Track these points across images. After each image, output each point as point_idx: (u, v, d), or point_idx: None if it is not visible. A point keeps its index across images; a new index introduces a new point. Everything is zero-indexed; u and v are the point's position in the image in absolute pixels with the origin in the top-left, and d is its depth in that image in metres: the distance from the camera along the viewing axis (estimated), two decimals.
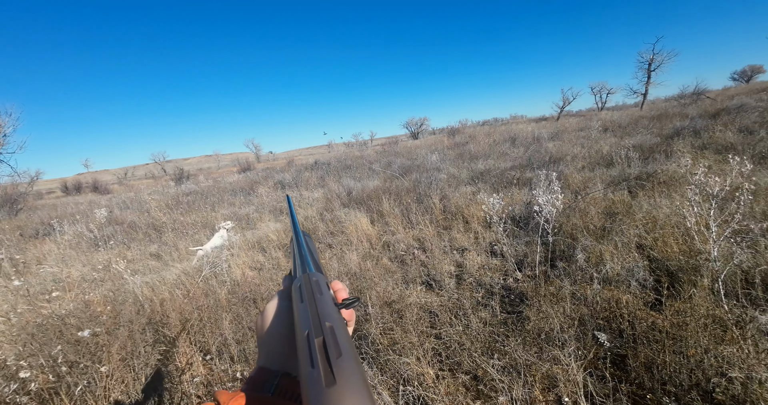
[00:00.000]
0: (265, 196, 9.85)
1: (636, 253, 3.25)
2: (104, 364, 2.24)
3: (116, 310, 2.91)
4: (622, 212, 4.23)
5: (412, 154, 13.88)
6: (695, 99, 19.17)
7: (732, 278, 2.58)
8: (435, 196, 6.06)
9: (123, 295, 3.69)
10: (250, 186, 12.04)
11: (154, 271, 5.11)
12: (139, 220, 8.40)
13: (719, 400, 1.82)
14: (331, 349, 0.32)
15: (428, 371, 2.16)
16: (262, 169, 19.67)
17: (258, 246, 5.42)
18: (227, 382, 2.38)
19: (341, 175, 11.10)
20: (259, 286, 3.62)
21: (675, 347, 2.10)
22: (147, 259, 5.80)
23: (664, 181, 5.20)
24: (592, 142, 10.23)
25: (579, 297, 2.77)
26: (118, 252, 6.37)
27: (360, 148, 31.30)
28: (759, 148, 6.40)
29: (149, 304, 3.34)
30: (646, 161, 6.81)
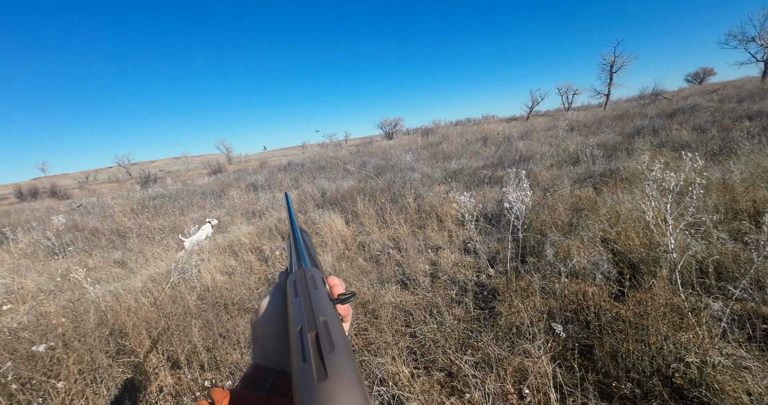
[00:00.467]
0: (237, 198, 9.61)
1: (601, 247, 3.38)
2: (61, 379, 2.11)
3: (75, 321, 2.75)
4: (588, 208, 4.39)
5: (386, 154, 13.91)
6: (653, 99, 20.20)
7: (688, 268, 2.73)
8: (409, 196, 6.10)
9: (84, 306, 3.50)
10: (221, 188, 11.72)
11: (119, 278, 4.88)
12: (102, 226, 8.00)
13: (678, 385, 1.92)
14: (324, 343, 0.31)
15: (403, 370, 2.16)
16: (234, 171, 19.19)
17: (229, 250, 5.28)
18: (197, 391, 2.30)
19: (315, 176, 10.99)
20: (230, 291, 3.53)
21: (637, 336, 2.20)
22: (111, 266, 5.52)
23: (626, 178, 5.45)
24: (559, 141, 10.58)
25: (548, 291, 2.85)
26: (78, 260, 6.04)
27: (334, 148, 31.11)
28: (710, 146, 6.81)
29: (112, 314, 3.18)
30: (609, 159, 7.10)
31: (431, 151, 12.98)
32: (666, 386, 1.91)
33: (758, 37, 19.64)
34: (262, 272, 4.31)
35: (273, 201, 8.39)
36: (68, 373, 2.20)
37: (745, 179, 4.42)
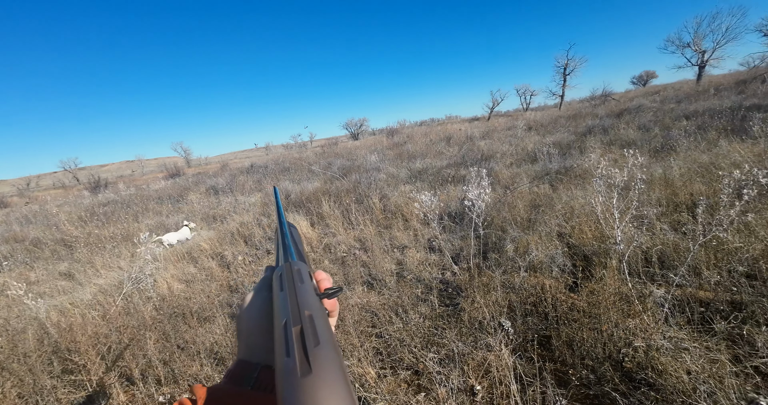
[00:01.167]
0: (197, 202, 9.23)
1: (557, 241, 3.54)
2: None
3: (13, 341, 2.53)
4: (545, 204, 4.58)
5: (352, 155, 13.85)
6: (603, 100, 21.44)
7: (634, 258, 2.91)
8: (375, 196, 6.10)
9: (23, 323, 3.22)
10: (179, 193, 11.20)
11: (65, 292, 4.54)
12: (45, 236, 7.42)
13: (628, 368, 2.04)
14: (309, 337, 0.30)
15: (369, 371, 2.16)
16: (193, 175, 18.40)
17: (188, 257, 5.05)
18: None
19: (279, 178, 10.76)
20: (189, 300, 3.37)
21: (591, 324, 2.32)
22: (56, 279, 5.13)
23: (579, 175, 5.74)
24: (518, 140, 10.98)
25: (509, 285, 2.94)
26: (18, 273, 5.57)
27: (299, 149, 30.61)
28: (654, 143, 7.32)
29: (57, 331, 2.95)
30: (564, 157, 7.45)
31: (396, 152, 13.08)
32: (617, 370, 2.03)
33: (692, 43, 21.35)
34: (223, 279, 4.16)
35: (235, 204, 8.13)
36: (5, 397, 2.02)
37: (683, 174, 4.78)
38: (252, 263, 4.56)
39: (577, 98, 28.40)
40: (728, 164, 4.70)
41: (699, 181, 4.34)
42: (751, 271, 2.57)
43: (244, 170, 14.88)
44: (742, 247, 2.73)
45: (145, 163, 34.60)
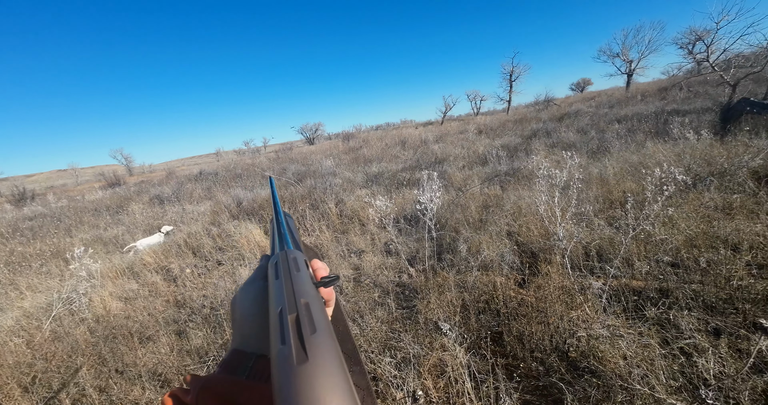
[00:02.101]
0: (139, 213, 8.61)
1: (507, 240, 3.69)
2: None
3: None
4: (495, 205, 4.77)
5: (307, 160, 13.63)
6: (546, 105, 22.80)
7: (575, 253, 3.10)
8: (331, 202, 6.03)
9: None
10: (119, 203, 10.40)
11: None
12: None
13: (573, 358, 2.16)
14: (305, 325, 0.30)
15: None
16: (135, 183, 17.18)
17: (130, 272, 4.69)
18: None
19: (230, 185, 10.33)
20: (130, 319, 3.13)
21: (539, 318, 2.43)
22: None
23: (526, 176, 6.04)
24: (470, 144, 11.38)
25: (462, 285, 3.02)
26: None
27: (252, 155, 29.64)
28: (591, 145, 7.89)
29: None
30: (512, 159, 7.82)
31: (352, 156, 13.05)
32: (563, 360, 2.14)
33: (621, 53, 23.36)
34: (170, 294, 3.90)
35: (182, 214, 7.68)
36: None
37: (616, 173, 5.18)
38: (202, 276, 4.32)
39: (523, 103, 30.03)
40: (654, 163, 5.16)
41: (630, 179, 4.72)
42: (675, 260, 2.83)
43: (192, 178, 14.13)
44: (666, 239, 3.00)
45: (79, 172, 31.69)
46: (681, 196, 3.88)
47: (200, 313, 3.25)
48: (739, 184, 3.97)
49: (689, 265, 2.71)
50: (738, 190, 3.87)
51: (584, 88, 38.83)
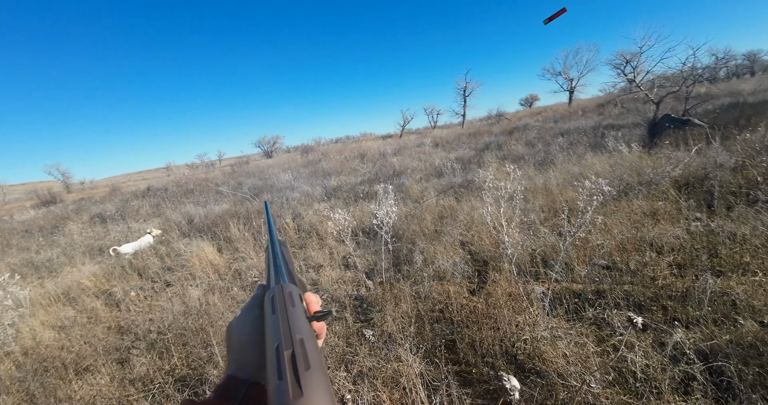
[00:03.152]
0: (78, 234, 7.98)
1: (460, 249, 3.82)
2: None
3: None
4: (450, 216, 4.93)
5: (264, 174, 13.35)
6: (498, 120, 24.02)
7: (522, 260, 3.28)
8: (288, 216, 5.95)
9: None
10: (54, 223, 9.57)
11: None
12: None
13: (520, 360, 2.27)
14: (300, 361, 0.32)
15: None
16: (74, 201, 15.91)
17: (65, 298, 4.32)
18: None
19: (181, 202, 9.86)
20: (64, 350, 2.88)
21: (490, 323, 2.54)
22: None
23: (478, 187, 6.30)
24: (426, 156, 11.70)
25: (418, 295, 3.08)
26: None
27: (206, 169, 28.51)
28: (538, 157, 8.40)
29: None
30: (466, 171, 8.14)
31: (311, 169, 12.96)
32: (511, 364, 2.24)
33: (563, 72, 25.25)
34: (111, 319, 3.64)
35: (127, 233, 7.22)
36: None
37: (560, 183, 5.55)
38: (148, 298, 4.08)
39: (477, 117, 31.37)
40: (593, 173, 5.59)
41: (571, 189, 5.08)
42: (609, 264, 3.07)
43: (139, 194, 13.34)
44: (602, 244, 3.26)
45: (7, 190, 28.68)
46: (614, 204, 4.23)
47: (145, 338, 3.06)
48: (663, 192, 4.39)
49: (621, 267, 2.96)
50: (662, 198, 4.29)
51: (532, 103, 41.28)
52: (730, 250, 2.88)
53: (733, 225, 3.27)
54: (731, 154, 4.97)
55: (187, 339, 2.81)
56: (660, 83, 10.15)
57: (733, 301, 2.35)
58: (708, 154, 5.12)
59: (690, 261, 2.90)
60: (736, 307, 2.29)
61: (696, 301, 2.38)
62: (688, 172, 4.75)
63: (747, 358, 1.87)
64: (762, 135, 5.20)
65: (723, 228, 3.24)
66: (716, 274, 2.68)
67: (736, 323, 2.15)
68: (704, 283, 2.43)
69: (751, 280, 2.47)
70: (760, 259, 2.69)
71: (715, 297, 2.40)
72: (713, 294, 2.40)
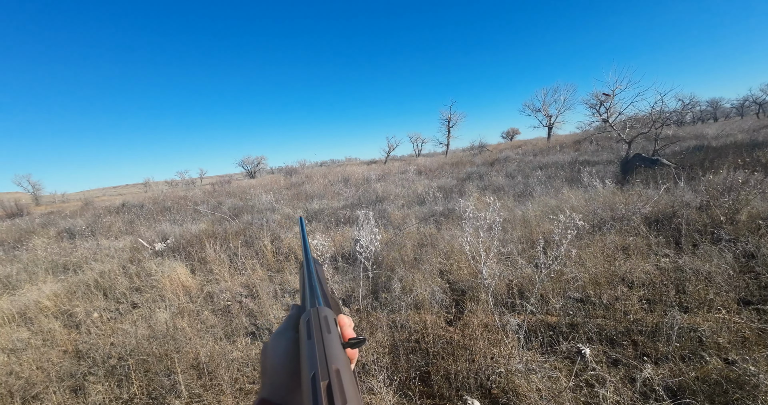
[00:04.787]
0: (43, 249, 7.60)
1: (439, 278, 3.82)
2: None
3: None
4: (430, 244, 4.96)
5: (246, 194, 13.19)
6: (480, 151, 24.74)
7: (500, 290, 3.30)
8: (266, 238, 5.85)
9: None
10: (17, 237, 9.11)
11: None
12: None
13: (495, 394, 2.24)
14: (336, 394, 0.32)
15: None
16: (43, 214, 15.24)
17: (20, 318, 4.06)
18: None
19: (157, 219, 9.59)
20: (12, 375, 2.68)
21: (465, 355, 2.51)
22: None
23: (459, 216, 6.39)
24: (410, 184, 11.85)
25: (394, 324, 3.04)
26: None
27: (186, 187, 27.99)
28: (517, 189, 8.63)
29: None
30: (447, 199, 8.26)
31: (294, 192, 12.90)
32: (486, 398, 2.21)
33: (542, 108, 26.48)
34: (69, 343, 3.42)
35: (96, 250, 6.92)
36: None
37: (537, 215, 5.69)
38: (112, 320, 3.87)
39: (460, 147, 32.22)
40: (568, 208, 5.77)
41: (548, 221, 5.21)
42: (582, 297, 3.12)
43: (113, 210, 12.91)
44: (576, 277, 3.32)
45: None
46: (589, 238, 4.35)
47: (104, 364, 2.88)
48: (634, 228, 4.56)
49: (594, 301, 3.01)
50: (633, 233, 4.44)
51: (513, 136, 42.83)
52: (696, 287, 2.98)
53: (699, 262, 3.40)
54: (697, 193, 5.24)
55: (150, 365, 2.67)
56: (631, 124, 10.77)
57: (699, 337, 2.41)
58: (676, 193, 5.38)
59: (659, 296, 2.99)
60: (703, 344, 2.35)
61: (665, 336, 2.44)
62: (657, 210, 4.96)
63: (713, 395, 1.90)
64: (724, 177, 5.53)
65: (689, 265, 3.37)
66: (683, 310, 2.76)
67: (703, 360, 2.20)
68: (672, 318, 2.50)
69: (716, 317, 2.56)
70: (723, 296, 2.80)
71: (683, 333, 2.46)
72: (681, 330, 2.46)
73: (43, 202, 26.73)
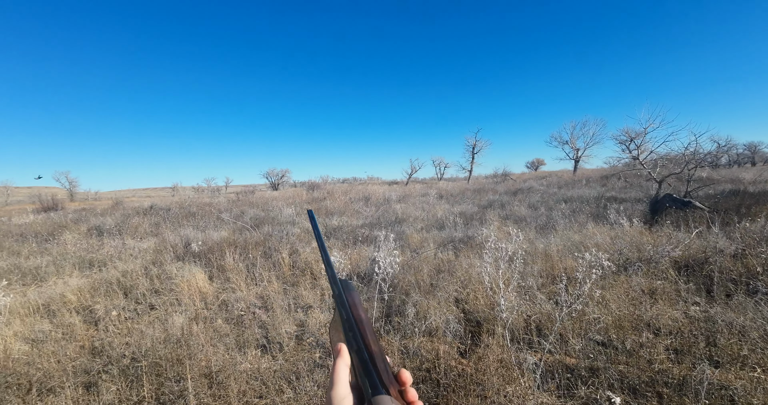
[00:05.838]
0: (72, 244, 7.92)
1: (454, 307, 3.75)
2: None
3: None
4: (447, 270, 4.89)
5: (268, 206, 13.46)
6: (503, 179, 24.59)
7: (517, 325, 3.20)
8: (285, 251, 5.91)
9: None
10: (51, 230, 9.54)
11: None
12: None
13: None
14: None
15: None
16: (75, 210, 15.95)
17: (45, 309, 4.20)
18: None
19: (182, 224, 9.87)
20: (32, 366, 2.76)
21: (477, 391, 2.43)
22: None
23: (479, 244, 6.30)
24: (430, 207, 11.82)
25: (406, 351, 2.98)
26: None
27: (212, 194, 28.81)
28: (540, 221, 8.47)
29: None
30: (467, 226, 8.18)
31: (315, 206, 13.07)
32: None
33: (569, 141, 26.25)
34: (87, 339, 3.51)
35: (122, 249, 7.16)
36: None
37: (560, 250, 5.55)
38: (129, 320, 3.96)
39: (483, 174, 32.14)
40: (592, 244, 5.61)
41: (570, 257, 5.07)
42: (605, 340, 2.99)
43: (141, 211, 13.39)
44: (598, 318, 3.20)
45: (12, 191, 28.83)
46: (613, 278, 4.20)
47: (118, 363, 2.94)
48: (662, 272, 4.38)
49: (617, 345, 2.88)
50: (661, 277, 4.26)
51: (538, 166, 42.41)
52: (729, 341, 2.81)
53: (732, 314, 3.22)
54: (731, 240, 5.00)
55: (162, 369, 2.70)
56: (663, 163, 10.50)
57: (731, 396, 2.25)
58: (708, 238, 5.16)
59: (687, 347, 2.83)
60: (735, 404, 2.20)
61: (693, 391, 2.29)
62: (688, 254, 4.75)
63: None
64: (762, 225, 5.27)
65: (722, 316, 3.19)
66: (714, 365, 2.60)
67: None
68: (701, 373, 2.35)
69: (750, 376, 2.39)
70: (759, 353, 2.62)
71: (713, 389, 2.31)
72: (711, 386, 2.31)
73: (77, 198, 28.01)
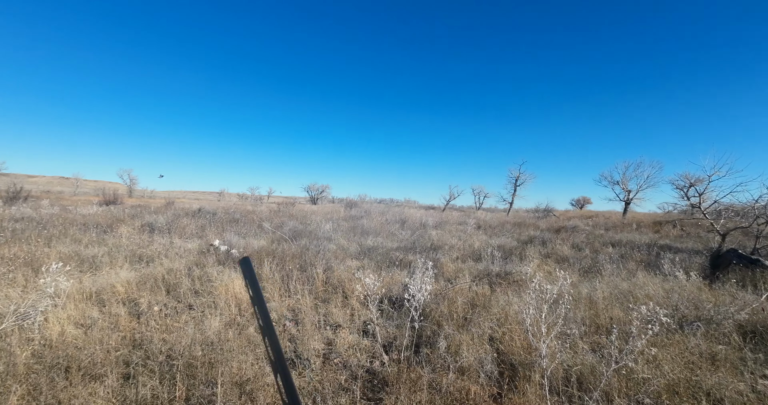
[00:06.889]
0: (126, 238, 8.49)
1: (488, 345, 3.58)
2: None
3: None
4: (482, 305, 4.71)
5: (306, 219, 13.78)
6: (545, 214, 23.69)
7: (556, 375, 2.99)
8: (319, 266, 5.98)
9: None
10: (109, 223, 10.30)
11: None
12: None
13: None
14: None
15: None
16: (132, 206, 17.17)
17: (96, 297, 4.48)
18: None
19: (225, 229, 10.31)
20: (81, 350, 2.92)
21: None
22: None
23: (517, 281, 6.05)
24: (467, 237, 11.58)
25: (435, 386, 2.86)
26: None
27: (254, 202, 30.04)
28: (584, 263, 8.01)
29: None
30: (506, 261, 7.90)
31: (351, 224, 13.22)
32: None
33: (621, 182, 24.98)
34: (129, 330, 3.69)
35: (169, 247, 7.56)
36: None
37: (605, 297, 5.19)
38: (169, 317, 4.12)
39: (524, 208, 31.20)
40: (643, 295, 5.21)
41: (618, 306, 4.73)
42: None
43: (190, 212, 14.17)
44: (649, 379, 2.91)
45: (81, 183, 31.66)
46: (667, 335, 3.85)
47: (156, 359, 3.04)
48: (724, 335, 3.96)
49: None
50: (723, 341, 3.85)
51: (583, 205, 40.57)
52: None
53: None
54: None
55: (196, 371, 2.76)
56: (728, 215, 9.69)
57: None
58: None
59: None
60: None
61: None
62: (756, 319, 4.28)
63: None
64: None
65: None
66: None
67: None
68: None
69: None
70: None
71: None
72: None
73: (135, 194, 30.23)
